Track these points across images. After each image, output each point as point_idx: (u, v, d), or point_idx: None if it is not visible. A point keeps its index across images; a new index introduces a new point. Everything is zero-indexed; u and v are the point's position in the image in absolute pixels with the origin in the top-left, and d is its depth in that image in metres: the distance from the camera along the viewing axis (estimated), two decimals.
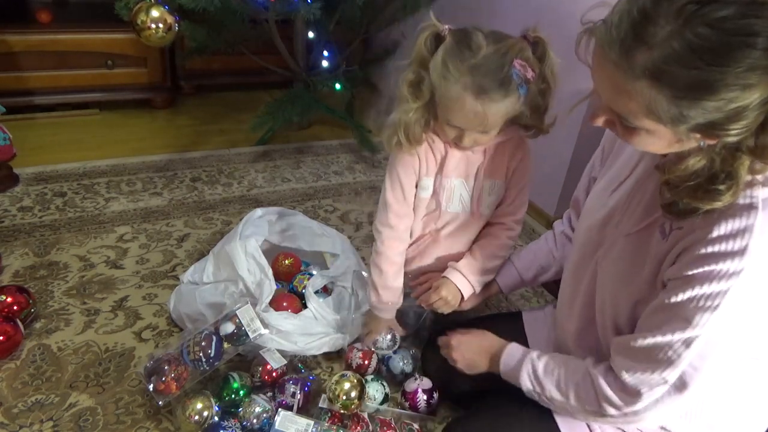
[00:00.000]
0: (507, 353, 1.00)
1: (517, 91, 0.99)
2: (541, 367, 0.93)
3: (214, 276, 1.46)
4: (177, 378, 1.20)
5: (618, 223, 0.90)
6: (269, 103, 2.32)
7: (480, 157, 1.18)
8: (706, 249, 0.71)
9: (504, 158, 1.20)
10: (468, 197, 1.23)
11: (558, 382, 0.91)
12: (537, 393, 0.94)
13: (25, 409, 1.24)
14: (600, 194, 0.98)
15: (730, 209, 0.69)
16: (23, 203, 1.93)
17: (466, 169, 1.20)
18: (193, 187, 2.15)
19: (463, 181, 1.21)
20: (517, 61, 0.98)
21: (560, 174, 2.00)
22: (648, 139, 0.71)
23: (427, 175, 1.21)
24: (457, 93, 1.00)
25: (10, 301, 1.39)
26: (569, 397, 0.89)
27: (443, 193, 1.22)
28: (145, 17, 1.60)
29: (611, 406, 0.84)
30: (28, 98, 2.41)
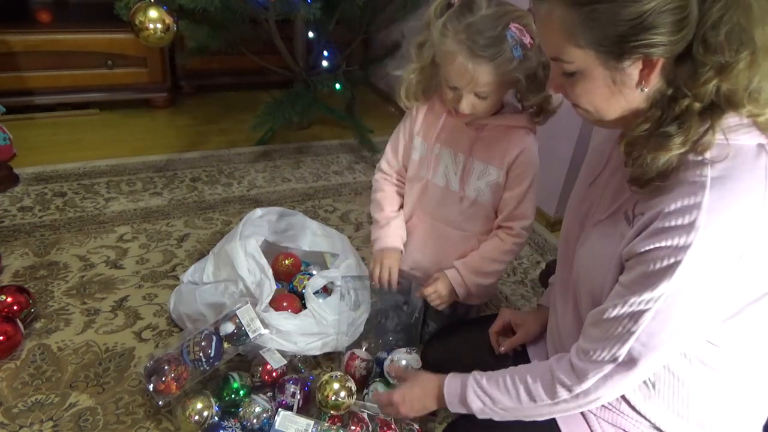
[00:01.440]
0: (448, 384, 0.98)
1: (510, 52, 1.00)
2: (484, 381, 0.93)
3: (214, 276, 1.46)
4: (177, 378, 1.20)
5: (592, 215, 0.91)
6: (269, 103, 2.32)
7: (473, 133, 1.18)
8: (657, 224, 0.72)
9: (500, 144, 1.18)
10: (453, 172, 1.22)
11: (506, 387, 0.90)
12: (489, 408, 0.92)
13: (25, 409, 1.24)
14: (578, 189, 0.99)
15: (683, 187, 0.71)
16: (23, 203, 1.93)
17: (456, 140, 1.20)
18: (193, 187, 2.15)
19: (452, 152, 1.20)
20: (513, 24, 1.00)
21: (560, 174, 2.00)
22: (587, 85, 0.74)
23: (419, 134, 1.25)
24: (451, 48, 1.03)
25: (10, 301, 1.39)
26: (520, 397, 0.88)
27: (431, 160, 1.23)
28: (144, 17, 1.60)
29: (563, 387, 0.84)
30: (28, 98, 2.42)
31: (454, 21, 1.02)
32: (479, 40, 1.00)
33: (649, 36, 0.66)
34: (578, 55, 0.72)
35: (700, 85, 0.68)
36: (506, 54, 1.01)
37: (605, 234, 0.85)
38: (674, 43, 0.67)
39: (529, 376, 0.89)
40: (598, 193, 0.91)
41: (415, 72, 1.16)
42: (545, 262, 1.87)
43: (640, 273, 0.74)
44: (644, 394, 0.87)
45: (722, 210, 0.69)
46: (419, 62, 1.14)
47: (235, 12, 2.15)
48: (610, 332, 0.78)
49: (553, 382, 0.85)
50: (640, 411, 0.88)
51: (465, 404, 0.94)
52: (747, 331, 0.80)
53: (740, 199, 0.69)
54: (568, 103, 0.84)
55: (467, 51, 1.01)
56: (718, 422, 0.88)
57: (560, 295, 1.00)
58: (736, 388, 0.86)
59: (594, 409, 0.94)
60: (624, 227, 0.81)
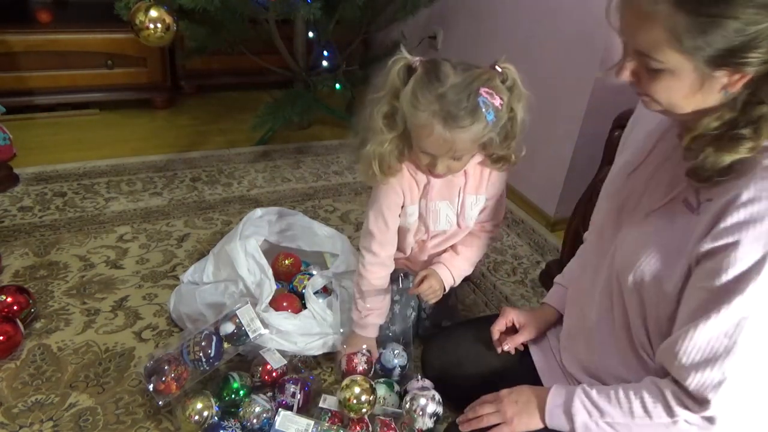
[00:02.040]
0: (553, 393, 0.93)
1: (484, 118, 1.02)
2: (594, 393, 0.88)
3: (214, 276, 1.46)
4: (177, 378, 1.20)
5: (636, 205, 0.89)
6: (269, 103, 2.32)
7: (462, 179, 1.22)
8: (738, 214, 0.70)
9: (483, 174, 1.25)
10: (454, 215, 1.28)
11: (618, 401, 0.86)
12: (595, 421, 0.87)
13: (25, 409, 1.24)
14: (615, 179, 0.97)
15: (755, 172, 0.70)
16: (23, 203, 1.93)
17: (449, 192, 1.24)
18: (193, 187, 2.15)
19: (448, 202, 1.25)
20: (483, 89, 1.01)
21: (560, 174, 2.00)
22: (671, 82, 0.72)
23: (411, 203, 1.24)
24: (426, 120, 1.03)
25: (10, 301, 1.39)
26: (633, 409, 0.84)
27: (429, 216, 1.26)
28: (144, 17, 1.60)
29: (687, 414, 0.80)
30: (28, 98, 2.41)
31: (425, 92, 1.02)
32: (454, 111, 1.00)
33: (753, 54, 0.66)
34: (674, 58, 0.69)
35: None
36: (481, 120, 1.02)
37: (664, 223, 0.82)
38: None
39: (646, 390, 0.84)
40: (640, 183, 0.89)
41: (389, 142, 1.13)
42: (545, 262, 1.87)
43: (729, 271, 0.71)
44: None
45: None
46: (393, 131, 1.12)
47: (235, 12, 2.15)
48: (713, 348, 0.74)
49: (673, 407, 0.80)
50: None
51: (569, 412, 0.89)
52: None
53: None
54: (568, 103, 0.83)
55: (443, 123, 1.02)
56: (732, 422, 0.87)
57: (588, 292, 0.98)
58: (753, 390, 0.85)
59: None
60: (686, 215, 0.79)
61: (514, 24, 2.12)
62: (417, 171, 1.21)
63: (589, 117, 1.85)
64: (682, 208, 0.80)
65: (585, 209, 1.56)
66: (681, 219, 0.80)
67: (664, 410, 0.81)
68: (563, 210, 2.03)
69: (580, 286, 1.03)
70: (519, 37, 2.09)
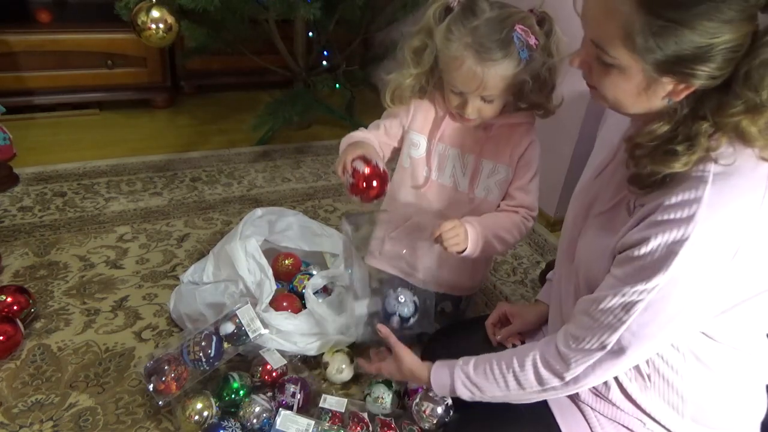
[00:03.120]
0: (435, 373, 1.01)
1: (517, 54, 1.00)
2: (471, 371, 0.95)
3: (214, 276, 1.46)
4: (177, 378, 1.20)
5: (596, 206, 0.91)
6: (269, 103, 2.32)
7: (482, 133, 1.17)
8: (657, 217, 0.73)
9: (509, 142, 1.18)
10: (462, 172, 1.20)
11: (494, 377, 0.92)
12: (479, 397, 0.95)
13: (25, 409, 1.24)
14: (585, 181, 1.00)
15: (684, 181, 0.71)
16: (23, 203, 1.93)
17: (463, 140, 1.18)
18: (193, 187, 2.15)
19: (459, 152, 1.19)
20: (519, 26, 1.00)
21: (560, 174, 2.00)
22: (619, 80, 0.73)
23: (417, 130, 1.20)
24: (458, 52, 1.02)
25: (10, 301, 1.39)
26: (509, 386, 0.91)
27: (435, 159, 1.20)
28: (146, 17, 1.61)
29: (552, 374, 0.86)
30: (28, 98, 2.41)
31: (459, 25, 1.02)
32: (486, 43, 0.99)
33: (702, 66, 0.66)
34: (624, 56, 0.70)
35: (725, 116, 0.68)
36: (513, 56, 1.01)
37: (605, 226, 0.85)
38: (717, 77, 0.67)
39: (516, 363, 0.90)
40: (603, 185, 0.91)
41: (412, 77, 1.13)
42: (545, 262, 1.87)
43: (636, 264, 0.74)
44: (640, 386, 0.88)
45: (722, 205, 0.69)
46: (418, 68, 1.11)
47: (235, 12, 2.15)
48: (601, 321, 0.79)
49: (541, 368, 0.87)
50: (637, 401, 0.89)
51: (454, 394, 0.97)
52: (740, 327, 0.81)
53: (741, 196, 0.69)
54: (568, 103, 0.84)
55: (475, 55, 1.00)
56: (713, 418, 0.88)
57: (564, 289, 1.00)
58: (731, 386, 0.86)
59: (592, 403, 0.95)
60: (624, 218, 0.81)
61: None
62: (439, 102, 1.18)
63: (589, 117, 1.85)
64: (623, 212, 0.82)
65: None
66: (620, 221, 0.82)
67: (533, 376, 0.88)
68: (563, 210, 2.03)
69: (558, 288, 1.05)
70: None
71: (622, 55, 0.70)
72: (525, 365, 0.89)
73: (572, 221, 0.99)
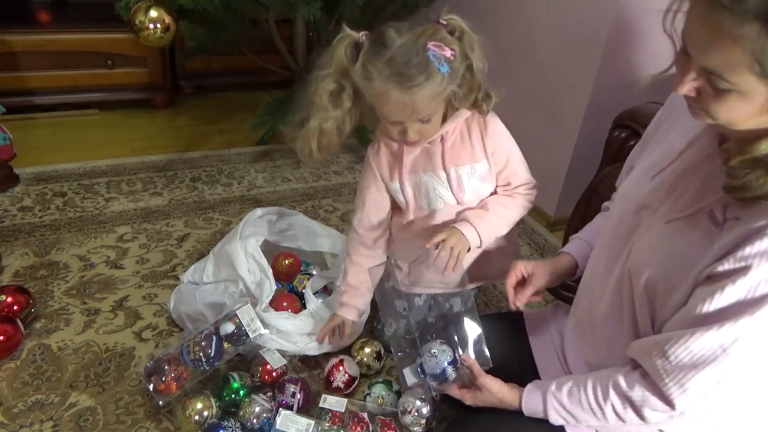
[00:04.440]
0: (526, 400, 0.97)
1: (438, 71, 1.00)
2: (565, 398, 0.91)
3: (214, 276, 1.46)
4: (177, 378, 1.20)
5: (656, 209, 0.88)
6: (269, 103, 2.33)
7: (438, 147, 1.17)
8: (761, 243, 0.69)
9: (469, 139, 1.18)
10: (446, 190, 1.21)
11: (590, 407, 0.88)
12: (573, 425, 0.93)
13: (25, 409, 1.24)
14: (638, 179, 0.96)
15: None
16: (23, 203, 1.93)
17: (427, 162, 1.19)
18: (193, 187, 2.15)
19: (432, 174, 1.19)
20: (431, 43, 0.99)
21: (560, 174, 2.00)
22: (737, 104, 0.68)
23: (391, 181, 1.22)
24: (381, 88, 1.01)
25: (10, 301, 1.39)
26: (606, 416, 0.87)
27: (417, 191, 1.21)
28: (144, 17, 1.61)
29: (655, 411, 0.82)
30: (28, 98, 2.41)
31: (374, 60, 1.01)
32: (406, 72, 0.99)
33: None
34: (749, 81, 0.64)
35: None
36: (435, 75, 1.00)
37: (684, 233, 0.81)
38: None
39: (614, 395, 0.86)
40: (664, 187, 0.88)
41: (333, 119, 1.11)
42: None
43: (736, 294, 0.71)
44: None
45: None
46: (338, 110, 1.11)
47: (235, 12, 2.15)
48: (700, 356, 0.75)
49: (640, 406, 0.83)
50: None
51: (545, 417, 0.94)
52: None
53: None
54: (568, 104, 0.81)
55: (398, 86, 1.00)
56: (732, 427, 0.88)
57: (597, 287, 0.97)
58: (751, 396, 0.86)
59: None
60: (709, 229, 0.77)
61: (513, 24, 2.12)
62: (389, 145, 1.19)
63: (589, 117, 1.85)
64: (706, 221, 0.78)
65: (585, 209, 1.56)
66: (702, 231, 0.78)
67: (635, 415, 0.85)
68: (563, 210, 2.03)
69: (590, 282, 1.02)
70: (519, 38, 2.09)
71: (746, 82, 0.65)
72: (623, 398, 0.85)
73: (618, 218, 0.96)
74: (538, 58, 2.00)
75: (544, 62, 1.98)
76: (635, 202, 0.92)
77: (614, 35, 1.70)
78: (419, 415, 1.21)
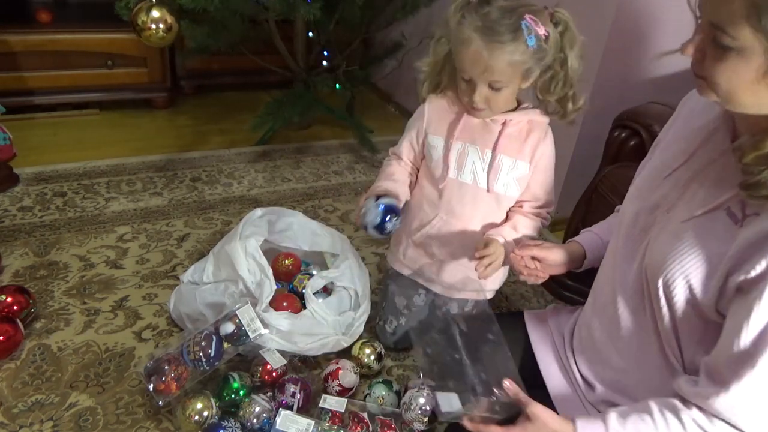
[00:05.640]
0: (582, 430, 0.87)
1: (524, 41, 1.03)
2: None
3: (214, 276, 1.46)
4: (177, 378, 1.20)
5: (670, 208, 0.87)
6: (269, 103, 2.32)
7: (498, 128, 1.19)
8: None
9: (527, 139, 1.21)
10: (482, 170, 1.22)
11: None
12: None
13: (25, 409, 1.24)
14: (650, 179, 0.95)
15: None
16: (23, 203, 1.93)
17: (480, 136, 1.20)
18: (193, 187, 2.15)
19: (478, 149, 1.21)
20: (528, 15, 1.03)
21: (560, 174, 2.00)
22: (736, 65, 0.69)
23: (434, 132, 1.24)
24: (466, 34, 1.05)
25: (10, 301, 1.39)
26: None
27: (454, 157, 1.22)
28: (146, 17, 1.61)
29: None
30: (28, 98, 2.41)
31: (471, 11, 1.06)
32: (495, 27, 1.03)
33: None
34: (747, 35, 0.66)
35: None
36: (520, 42, 1.03)
37: (702, 231, 0.80)
38: None
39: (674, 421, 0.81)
40: (678, 186, 0.88)
41: (429, 66, 1.20)
42: None
43: None
44: None
45: None
46: (433, 56, 1.18)
47: (235, 12, 2.15)
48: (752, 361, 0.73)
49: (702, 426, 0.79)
50: None
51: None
52: None
53: None
54: None
55: (482, 37, 1.03)
56: None
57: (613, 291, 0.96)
58: None
59: None
60: (728, 225, 0.77)
61: None
62: (453, 102, 1.23)
63: (589, 117, 1.84)
64: (724, 218, 0.78)
65: (585, 209, 1.56)
66: (722, 229, 0.78)
67: None
68: (563, 210, 2.03)
69: (605, 285, 1.01)
70: None
71: (744, 35, 0.67)
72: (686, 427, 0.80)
73: (632, 218, 0.95)
74: None
75: None
76: (648, 202, 0.92)
77: (614, 35, 1.70)
78: (422, 411, 1.21)
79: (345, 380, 1.31)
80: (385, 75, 2.74)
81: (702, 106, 0.92)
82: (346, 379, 1.31)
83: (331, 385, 1.31)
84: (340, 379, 1.31)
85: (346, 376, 1.31)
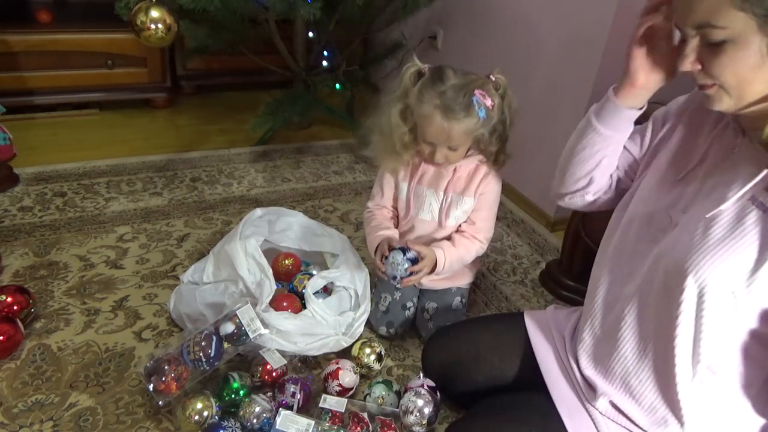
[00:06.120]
0: None
1: (476, 114, 1.23)
2: None
3: (214, 276, 1.46)
4: (177, 378, 1.20)
5: (687, 206, 0.87)
6: (269, 103, 2.32)
7: (450, 174, 1.40)
8: None
9: (472, 179, 1.40)
10: (437, 207, 1.42)
11: None
12: None
13: (25, 409, 1.24)
14: (662, 181, 0.95)
15: None
16: (23, 203, 1.93)
17: (436, 182, 1.41)
18: (193, 187, 2.15)
19: (434, 191, 1.42)
20: (477, 91, 1.23)
21: None
22: (735, 54, 0.70)
23: (403, 180, 1.44)
24: (428, 111, 1.24)
25: (10, 301, 1.39)
26: None
27: (415, 199, 1.44)
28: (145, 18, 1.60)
29: None
30: (28, 98, 2.41)
31: (429, 89, 1.24)
32: (452, 105, 1.22)
33: None
34: (736, 20, 0.67)
35: None
36: (473, 116, 1.23)
37: (732, 227, 0.79)
38: None
39: None
40: (692, 186, 0.88)
41: (406, 134, 1.34)
42: (545, 262, 1.87)
43: None
44: None
45: None
46: (407, 125, 1.33)
47: (235, 12, 2.15)
48: None
49: None
50: None
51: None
52: None
53: None
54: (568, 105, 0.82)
55: (443, 114, 1.23)
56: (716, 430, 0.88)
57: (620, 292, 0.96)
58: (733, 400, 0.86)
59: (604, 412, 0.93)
60: (758, 216, 0.77)
61: (514, 24, 2.12)
62: (416, 158, 1.42)
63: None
64: (752, 209, 0.78)
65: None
66: (753, 220, 0.77)
67: None
68: (563, 210, 2.03)
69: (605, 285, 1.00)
70: (519, 37, 2.09)
71: (733, 21, 0.68)
72: None
73: (645, 220, 0.95)
74: (538, 57, 2.00)
75: (544, 62, 1.98)
76: (663, 202, 0.91)
77: (614, 35, 1.70)
78: (421, 415, 1.21)
79: (345, 380, 1.31)
80: (385, 75, 2.74)
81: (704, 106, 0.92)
82: (346, 379, 1.31)
83: (331, 385, 1.31)
84: (340, 379, 1.31)
85: (346, 376, 1.31)
